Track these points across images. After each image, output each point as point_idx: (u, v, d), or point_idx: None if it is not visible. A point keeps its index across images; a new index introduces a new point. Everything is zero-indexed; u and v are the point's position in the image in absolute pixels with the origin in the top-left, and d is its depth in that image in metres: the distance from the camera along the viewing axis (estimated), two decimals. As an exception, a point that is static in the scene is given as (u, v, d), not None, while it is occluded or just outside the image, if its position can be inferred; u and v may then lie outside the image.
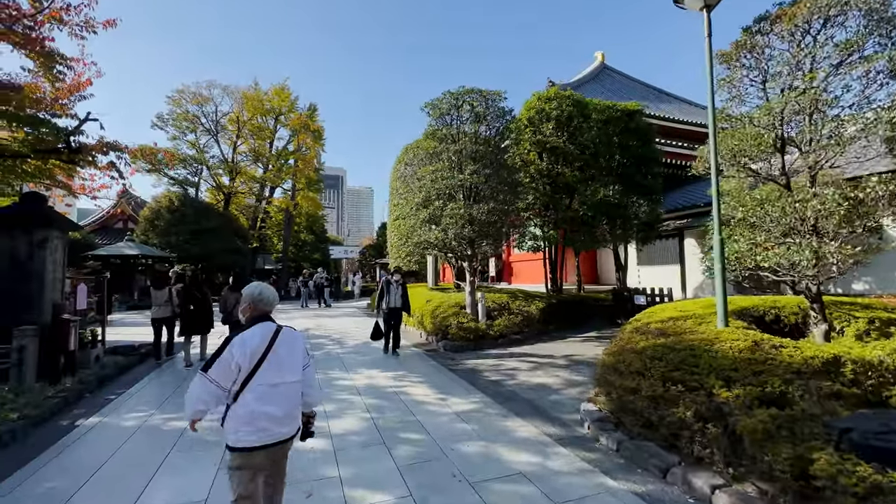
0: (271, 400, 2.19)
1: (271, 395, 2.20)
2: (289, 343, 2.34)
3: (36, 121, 7.93)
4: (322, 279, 18.91)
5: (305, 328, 11.90)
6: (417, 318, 10.36)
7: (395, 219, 12.49)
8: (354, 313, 16.08)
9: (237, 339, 2.22)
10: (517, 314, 9.59)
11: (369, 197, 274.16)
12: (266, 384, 2.19)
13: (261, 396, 2.17)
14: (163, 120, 25.70)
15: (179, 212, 23.08)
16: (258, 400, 2.16)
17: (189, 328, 7.92)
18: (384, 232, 37.23)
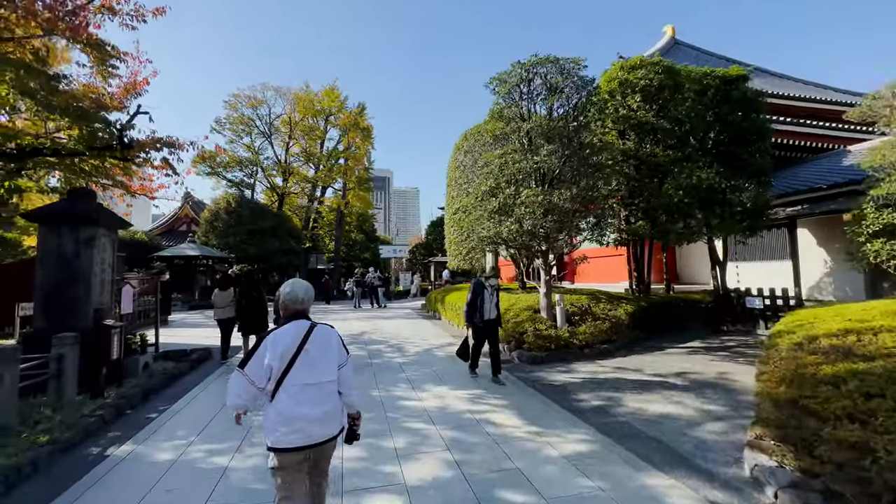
0: (306, 400, 2.14)
1: (305, 396, 2.14)
2: (322, 342, 2.25)
3: (86, 115, 7.60)
4: (375, 279, 18.27)
5: (361, 331, 11.12)
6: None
7: (453, 212, 11.40)
8: (409, 315, 15.21)
9: (269, 338, 2.19)
10: (603, 319, 8.15)
11: (415, 197, 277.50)
12: (300, 384, 2.14)
13: (294, 396, 2.12)
14: (220, 124, 26.41)
15: (236, 213, 23.47)
16: (292, 399, 2.12)
17: (247, 328, 7.75)
18: (433, 230, 36.47)
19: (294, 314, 2.30)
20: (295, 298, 2.32)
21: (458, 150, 11.54)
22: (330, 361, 2.27)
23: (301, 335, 2.20)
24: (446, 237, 12.71)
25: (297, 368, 2.15)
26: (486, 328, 6.25)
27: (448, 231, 12.27)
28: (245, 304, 7.83)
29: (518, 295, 10.23)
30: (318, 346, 2.23)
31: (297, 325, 2.25)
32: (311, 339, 2.21)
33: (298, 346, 2.17)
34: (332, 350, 2.29)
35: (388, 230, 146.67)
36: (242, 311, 7.79)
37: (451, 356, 7.75)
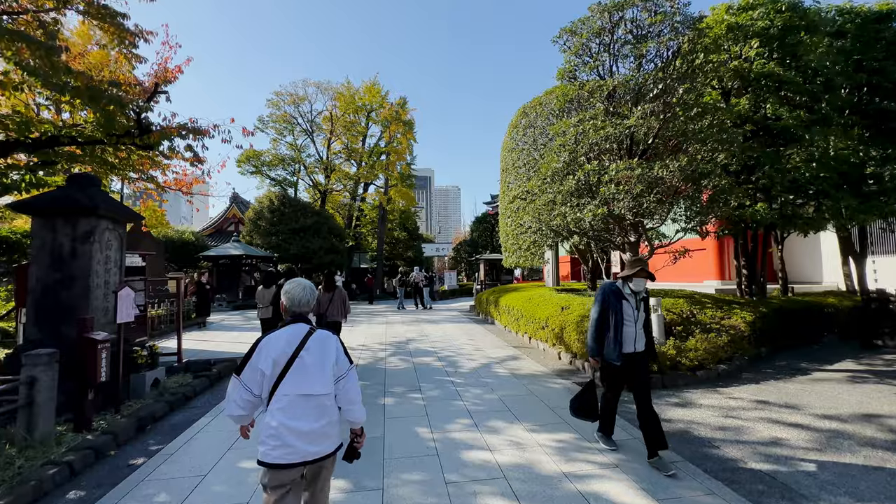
0: (296, 413, 1.92)
1: (297, 408, 1.92)
2: (318, 350, 2.00)
3: (97, 94, 6.72)
4: (421, 278, 16.94)
5: (405, 338, 9.77)
6: (552, 329, 7.53)
7: (509, 201, 9.78)
8: (457, 318, 13.74)
9: (263, 342, 1.99)
10: (717, 331, 6.25)
11: (457, 196, 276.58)
12: (292, 395, 1.93)
13: (285, 408, 1.91)
14: (263, 122, 26.22)
15: (279, 211, 23.05)
16: (282, 412, 1.91)
17: None
18: (478, 226, 34.87)
19: (295, 316, 2.12)
20: (292, 300, 2.13)
21: (513, 128, 9.89)
22: (325, 372, 2.00)
23: (297, 341, 1.99)
24: (501, 230, 11.09)
25: (290, 377, 1.94)
26: (627, 367, 3.59)
27: (503, 223, 10.65)
28: (276, 305, 7.27)
29: (591, 298, 8.45)
30: (314, 354, 2.00)
31: (294, 329, 2.04)
32: (307, 345, 1.99)
33: (293, 353, 1.96)
34: (328, 359, 2.02)
35: (431, 229, 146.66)
36: (278, 312, 7.22)
37: (518, 376, 6.17)
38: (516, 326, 9.57)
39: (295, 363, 1.95)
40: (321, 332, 2.06)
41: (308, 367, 1.96)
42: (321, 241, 22.94)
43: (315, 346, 2.01)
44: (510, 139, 9.84)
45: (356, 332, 11.01)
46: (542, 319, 8.00)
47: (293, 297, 2.11)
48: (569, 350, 6.99)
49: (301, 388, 1.94)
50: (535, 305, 8.78)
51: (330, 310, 8.00)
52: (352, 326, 11.99)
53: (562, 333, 7.19)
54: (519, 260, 9.64)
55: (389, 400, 5.24)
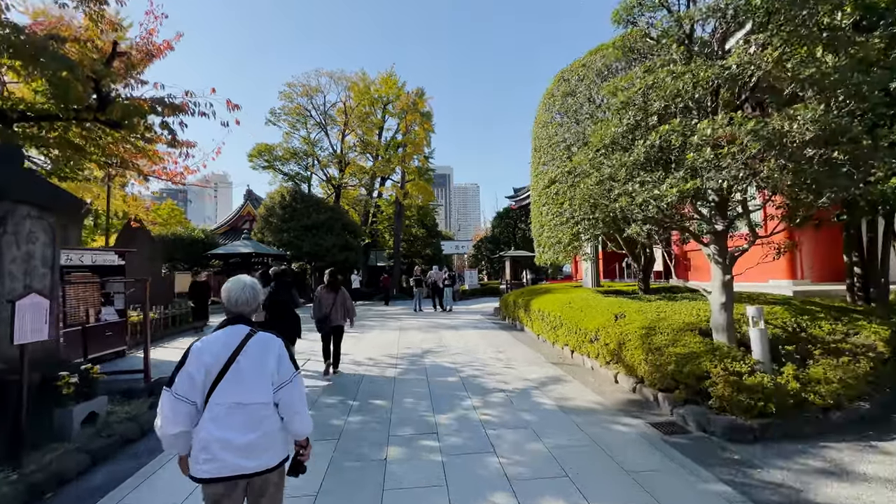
0: (229, 424, 1.72)
1: (229, 418, 1.73)
2: (256, 354, 1.82)
3: (41, 50, 5.44)
4: (441, 277, 15.41)
5: (421, 349, 8.29)
6: (605, 344, 5.92)
7: (544, 186, 8.15)
8: (480, 322, 12.19)
9: (195, 345, 1.81)
10: (852, 354, 4.51)
11: (476, 193, 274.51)
12: (224, 403, 1.74)
13: (216, 418, 1.72)
14: (275, 115, 25.19)
15: (290, 207, 21.96)
16: (213, 422, 1.72)
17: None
18: (500, 222, 33.13)
19: (233, 318, 1.90)
20: (229, 299, 1.91)
21: (548, 99, 8.26)
22: (263, 378, 1.80)
23: (234, 344, 1.81)
24: (533, 221, 9.49)
25: (224, 384, 1.75)
26: None
27: (536, 213, 9.02)
28: (271, 309, 6.28)
29: (653, 302, 6.77)
30: (252, 358, 1.80)
31: (231, 331, 1.85)
32: (244, 349, 1.80)
33: (229, 358, 1.77)
34: (268, 365, 1.82)
35: (450, 226, 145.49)
36: (272, 319, 6.28)
37: (568, 411, 4.59)
38: (553, 336, 7.96)
39: (231, 369, 1.76)
40: (262, 335, 1.88)
41: (244, 374, 1.78)
42: (334, 238, 21.74)
43: (254, 350, 1.82)
44: (544, 111, 8.22)
45: (365, 340, 9.60)
46: (591, 330, 6.38)
47: (230, 295, 1.91)
48: (631, 373, 5.37)
49: (235, 396, 1.75)
50: (577, 312, 7.16)
51: (333, 313, 6.68)
52: (361, 333, 10.60)
53: (620, 350, 5.56)
54: (557, 256, 8.04)
55: (394, 451, 3.75)
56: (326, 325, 6.63)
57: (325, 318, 6.63)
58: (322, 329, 6.62)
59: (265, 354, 1.83)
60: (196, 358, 1.75)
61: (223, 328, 1.85)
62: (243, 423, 1.74)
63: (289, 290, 6.79)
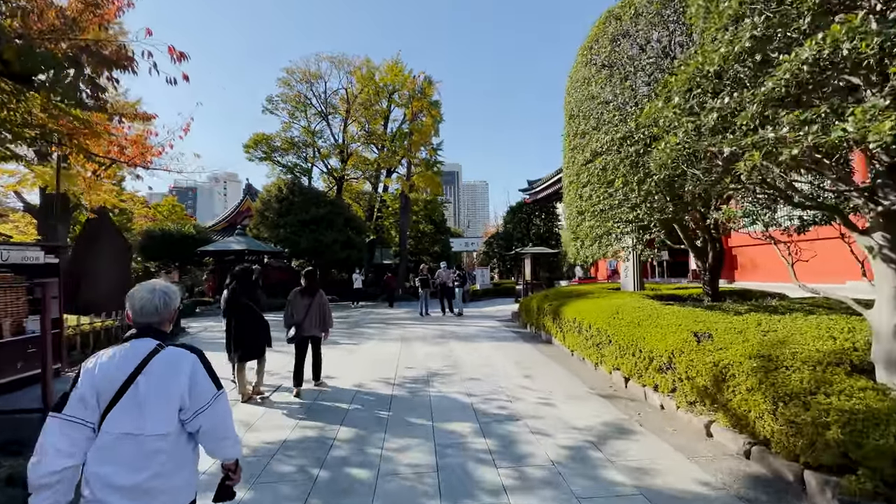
0: (112, 457, 1.41)
1: (114, 450, 1.42)
2: (160, 375, 1.50)
3: None
4: (450, 277, 13.62)
5: (426, 371, 6.56)
6: (687, 377, 4.13)
7: (584, 162, 6.33)
8: (497, 331, 10.44)
9: (86, 364, 1.53)
10: None
11: (484, 191, 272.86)
12: (113, 433, 1.43)
13: (100, 449, 1.43)
14: (273, 103, 23.59)
15: (287, 200, 20.38)
16: (96, 454, 1.42)
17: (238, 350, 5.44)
18: (512, 217, 31.22)
19: (138, 329, 1.59)
20: (133, 306, 1.60)
21: (591, 45, 6.42)
22: (167, 405, 1.48)
23: (134, 362, 1.50)
24: (566, 208, 7.68)
25: (118, 411, 1.44)
26: None
27: (570, 198, 7.20)
28: (230, 315, 5.53)
29: (743, 315, 4.90)
30: (155, 380, 1.48)
31: (133, 347, 1.54)
32: (147, 368, 1.49)
33: (126, 379, 1.46)
34: (175, 388, 1.49)
35: (459, 223, 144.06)
36: (235, 326, 5.49)
37: (655, 493, 2.81)
38: (596, 355, 6.17)
39: (127, 393, 1.46)
40: (171, 351, 1.56)
41: (143, 398, 1.46)
42: (335, 234, 20.10)
43: (159, 369, 1.50)
44: (584, 65, 6.38)
45: (358, 354, 7.89)
46: (659, 354, 4.59)
47: (134, 302, 1.60)
48: (739, 426, 3.57)
49: (126, 424, 1.44)
50: (633, 326, 5.36)
51: (307, 321, 5.61)
52: (356, 343, 8.91)
53: (717, 390, 3.76)
54: (603, 251, 6.22)
55: None
56: (298, 335, 5.59)
57: (299, 327, 5.58)
58: (294, 339, 5.59)
59: (172, 375, 1.51)
60: (87, 379, 1.46)
61: (124, 342, 1.55)
62: (132, 458, 1.42)
63: (252, 291, 5.78)
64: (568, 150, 6.94)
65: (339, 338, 9.73)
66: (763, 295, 7.14)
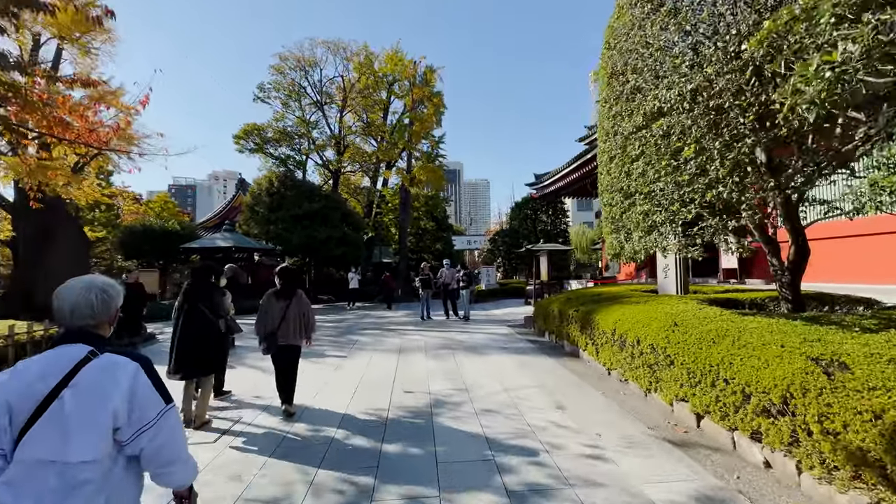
0: (27, 492, 1.15)
1: (29, 482, 1.15)
2: (91, 389, 1.24)
3: None
4: (454, 277, 12.21)
5: (429, 397, 5.18)
6: (821, 432, 2.74)
7: (631, 131, 4.91)
8: (509, 339, 9.06)
9: (2, 374, 1.27)
10: None
11: (486, 189, 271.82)
12: (28, 460, 1.17)
13: (12, 481, 1.15)
14: (265, 91, 22.19)
15: (279, 194, 19.01)
16: (7, 486, 1.15)
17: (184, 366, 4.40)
18: (518, 213, 29.86)
19: (65, 335, 1.34)
20: (60, 307, 1.36)
21: None
22: (97, 425, 1.21)
23: (59, 372, 1.23)
24: (601, 191, 6.26)
25: (36, 432, 1.18)
26: None
27: (610, 179, 5.77)
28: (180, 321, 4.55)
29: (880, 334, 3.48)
30: (84, 395, 1.22)
31: (58, 355, 1.28)
32: (74, 381, 1.22)
33: (48, 394, 1.20)
34: (108, 404, 1.23)
35: (460, 221, 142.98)
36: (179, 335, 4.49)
37: None
38: (647, 379, 4.77)
39: (49, 410, 1.19)
40: (106, 360, 1.30)
41: (68, 417, 1.20)
42: (330, 230, 18.72)
43: (89, 381, 1.24)
44: (634, 5, 4.94)
45: (346, 371, 6.52)
46: (762, 389, 3.19)
47: (61, 302, 1.36)
48: None
49: (45, 450, 1.17)
50: (705, 344, 3.97)
51: (283, 328, 4.73)
52: (346, 357, 7.54)
53: (892, 461, 2.38)
54: (660, 243, 4.80)
55: None
56: (274, 346, 4.69)
57: (273, 336, 4.70)
58: (269, 351, 4.71)
59: (106, 387, 1.26)
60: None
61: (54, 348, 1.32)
62: (51, 492, 1.16)
63: (209, 294, 4.75)
64: (607, 118, 5.53)
65: (326, 347, 8.36)
66: (848, 300, 5.75)
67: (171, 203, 36.14)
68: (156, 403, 1.33)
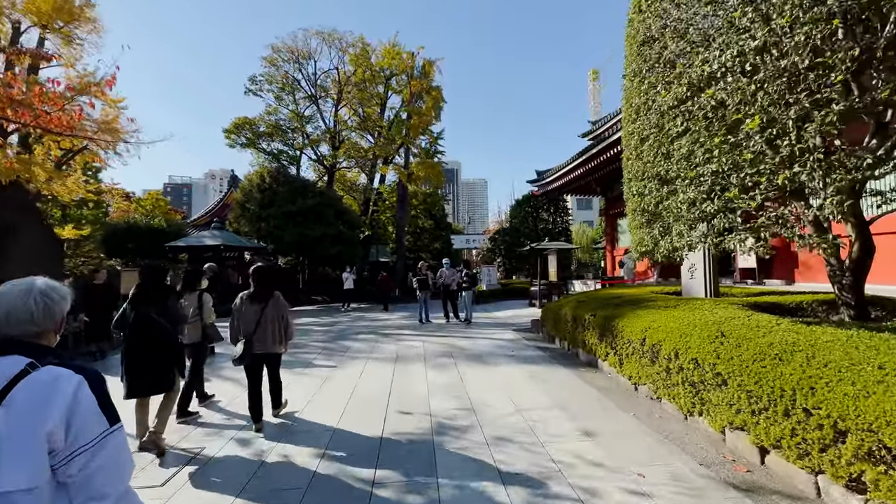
0: None
1: None
2: (27, 407, 1.08)
3: None
4: (453, 277, 11.44)
5: (430, 420, 4.42)
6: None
7: (675, 103, 4.14)
8: (516, 346, 8.32)
9: None
10: None
11: (484, 188, 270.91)
12: None
13: None
14: (257, 83, 21.35)
15: (270, 190, 18.18)
16: None
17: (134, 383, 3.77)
18: (519, 211, 29.10)
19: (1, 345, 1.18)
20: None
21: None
22: (36, 447, 1.06)
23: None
24: (628, 183, 5.47)
25: None
26: None
27: (639, 165, 4.99)
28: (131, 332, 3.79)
29: None
30: (20, 412, 1.06)
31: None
32: (9, 397, 1.07)
33: None
34: (44, 423, 1.07)
35: (458, 220, 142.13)
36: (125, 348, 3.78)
37: None
38: (689, 400, 4.02)
39: None
40: (48, 373, 1.13)
41: (1, 440, 1.04)
42: (324, 228, 17.90)
43: (27, 397, 1.08)
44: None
45: (334, 386, 5.75)
46: (871, 427, 2.45)
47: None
48: None
49: None
50: (773, 363, 3.23)
51: (259, 335, 4.21)
52: (336, 367, 6.77)
53: None
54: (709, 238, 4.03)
55: None
56: (249, 355, 4.16)
57: (248, 343, 4.16)
58: (243, 360, 4.16)
59: (45, 404, 1.10)
60: None
61: None
62: None
63: (161, 299, 4.09)
64: (637, 93, 4.75)
65: (314, 355, 7.58)
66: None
67: (163, 201, 35.21)
68: (97, 423, 1.15)
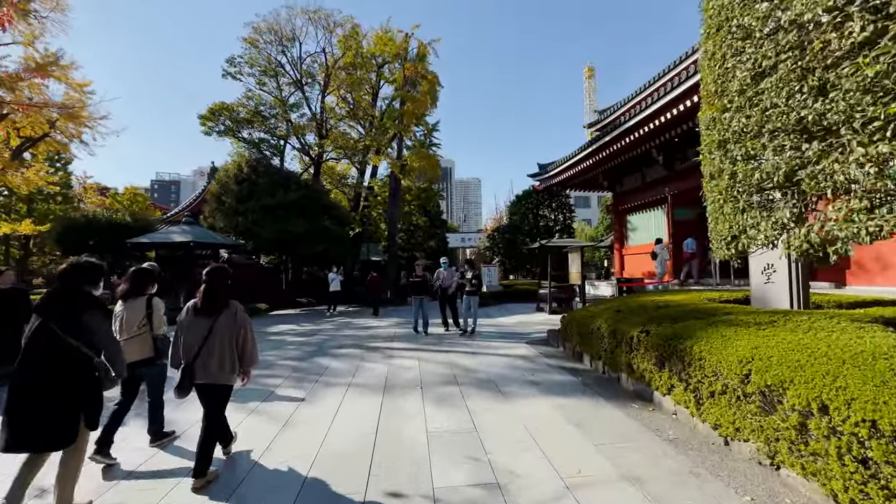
0: None
1: None
2: None
3: None
4: (452, 279, 9.82)
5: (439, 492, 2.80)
6: None
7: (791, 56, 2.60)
8: (535, 366, 6.74)
9: None
10: None
11: (477, 187, 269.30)
12: None
13: None
14: (236, 65, 19.53)
15: (249, 181, 16.46)
16: None
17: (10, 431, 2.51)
18: (519, 208, 27.57)
19: None
20: None
21: None
22: None
23: None
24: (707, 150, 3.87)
25: None
26: None
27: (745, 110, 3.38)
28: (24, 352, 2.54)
29: None
30: None
31: None
32: None
33: None
34: None
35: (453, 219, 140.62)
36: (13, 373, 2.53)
37: None
38: (852, 489, 2.46)
39: None
40: None
41: None
42: (308, 224, 16.19)
43: None
44: None
45: (296, 435, 4.11)
46: None
47: None
48: None
49: None
50: None
51: (203, 358, 3.09)
52: (304, 400, 5.13)
53: None
54: (866, 229, 2.46)
55: None
56: (189, 386, 3.09)
57: (187, 370, 3.09)
58: (183, 392, 3.08)
59: None
60: None
61: None
62: None
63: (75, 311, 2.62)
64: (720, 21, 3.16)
65: (279, 380, 5.94)
66: None
67: (142, 196, 33.15)
68: None
